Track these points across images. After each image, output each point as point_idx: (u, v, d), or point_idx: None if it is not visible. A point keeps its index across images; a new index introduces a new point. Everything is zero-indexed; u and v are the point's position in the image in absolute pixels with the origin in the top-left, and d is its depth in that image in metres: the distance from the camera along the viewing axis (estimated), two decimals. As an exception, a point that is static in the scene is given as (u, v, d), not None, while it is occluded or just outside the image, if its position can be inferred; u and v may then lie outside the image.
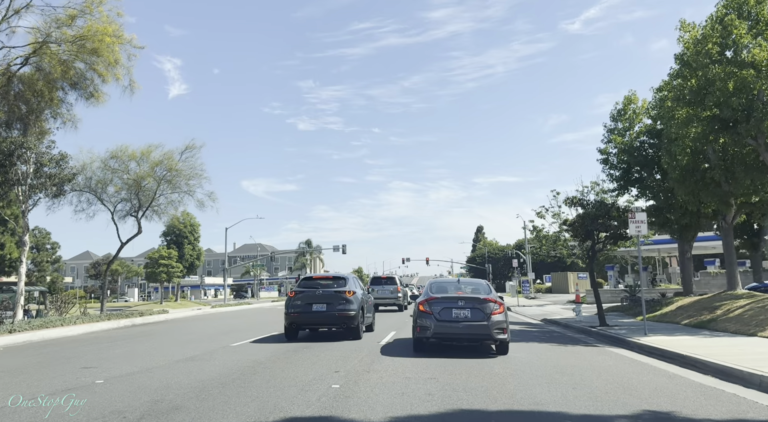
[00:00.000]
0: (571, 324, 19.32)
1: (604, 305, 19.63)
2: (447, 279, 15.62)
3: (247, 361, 10.34)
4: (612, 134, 24.07)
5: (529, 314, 27.79)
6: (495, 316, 10.99)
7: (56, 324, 18.90)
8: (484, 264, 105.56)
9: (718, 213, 21.00)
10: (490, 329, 10.90)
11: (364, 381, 8.09)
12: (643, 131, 23.39)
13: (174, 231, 73.17)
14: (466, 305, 11.11)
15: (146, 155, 27.33)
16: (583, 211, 18.25)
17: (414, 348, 11.77)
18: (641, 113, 23.81)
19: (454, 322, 11.03)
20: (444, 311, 11.09)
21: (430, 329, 11.05)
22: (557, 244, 40.31)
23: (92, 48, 17.67)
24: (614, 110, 24.42)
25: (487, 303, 11.11)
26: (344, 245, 75.51)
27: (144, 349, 12.87)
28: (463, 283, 12.98)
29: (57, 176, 19.15)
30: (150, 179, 27.23)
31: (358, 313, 14.42)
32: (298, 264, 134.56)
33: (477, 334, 11.05)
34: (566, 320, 21.48)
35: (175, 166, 27.31)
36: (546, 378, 8.50)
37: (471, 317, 10.99)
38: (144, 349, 12.87)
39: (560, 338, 15.51)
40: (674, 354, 11.03)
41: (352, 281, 15.35)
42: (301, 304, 14.37)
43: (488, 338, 11.07)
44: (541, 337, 15.67)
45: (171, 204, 28.06)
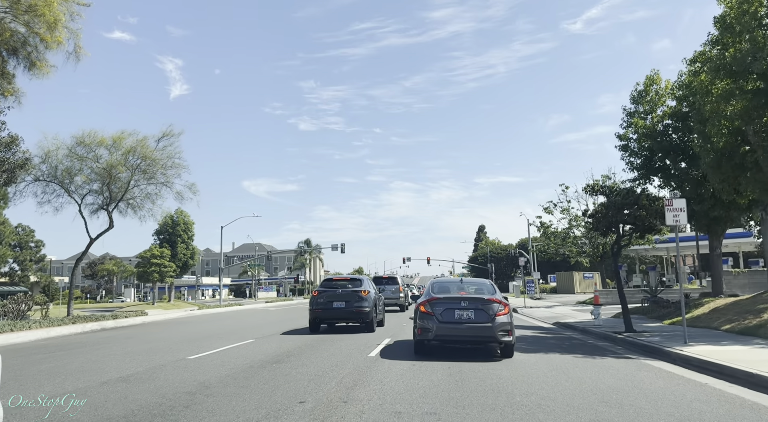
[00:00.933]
0: (590, 329, 16.98)
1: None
2: (449, 279, 15.01)
3: (192, 384, 8.01)
4: (632, 117, 21.66)
5: (538, 317, 25.41)
6: (500, 317, 10.58)
7: (4, 329, 16.59)
8: (487, 264, 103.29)
9: (756, 203, 18.63)
10: (495, 331, 10.49)
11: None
12: (668, 114, 20.99)
13: (167, 230, 70.89)
14: (469, 306, 10.70)
15: (118, 142, 24.73)
16: (607, 200, 15.84)
17: (415, 351, 11.29)
18: (665, 95, 21.41)
19: (457, 324, 10.63)
20: (446, 313, 10.70)
21: (431, 331, 10.65)
22: (566, 241, 38.10)
23: (28, 5, 15.13)
24: (634, 92, 22.02)
25: (492, 304, 10.69)
26: (343, 244, 73.73)
27: (78, 364, 10.53)
28: (466, 283, 12.33)
29: (7, 161, 16.86)
30: (122, 169, 24.50)
31: (372, 309, 16.64)
32: (297, 264, 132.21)
33: (481, 336, 10.61)
34: (583, 324, 19.16)
35: (150, 154, 24.74)
36: (590, 413, 6.17)
37: (474, 318, 10.60)
38: (78, 364, 10.53)
39: (582, 347, 13.18)
40: (738, 371, 8.67)
41: (366, 282, 17.55)
42: (323, 301, 16.63)
43: (492, 340, 10.61)
44: (561, 346, 13.33)
45: (148, 197, 25.52)
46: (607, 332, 15.68)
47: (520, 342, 13.77)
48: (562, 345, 13.70)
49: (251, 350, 12.35)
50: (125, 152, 24.78)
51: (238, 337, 15.64)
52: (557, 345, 13.71)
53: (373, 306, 16.74)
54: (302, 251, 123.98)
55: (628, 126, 21.75)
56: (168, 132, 25.11)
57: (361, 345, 13.26)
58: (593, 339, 15.35)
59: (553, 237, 36.16)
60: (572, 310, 29.83)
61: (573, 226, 35.14)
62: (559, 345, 13.48)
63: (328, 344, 13.41)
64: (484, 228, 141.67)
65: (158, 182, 24.75)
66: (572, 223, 35.04)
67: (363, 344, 13.40)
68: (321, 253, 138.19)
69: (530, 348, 12.71)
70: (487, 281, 12.62)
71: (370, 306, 16.60)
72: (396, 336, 15.37)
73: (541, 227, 36.55)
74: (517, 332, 14.43)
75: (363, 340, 14.32)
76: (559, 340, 15.03)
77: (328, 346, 12.91)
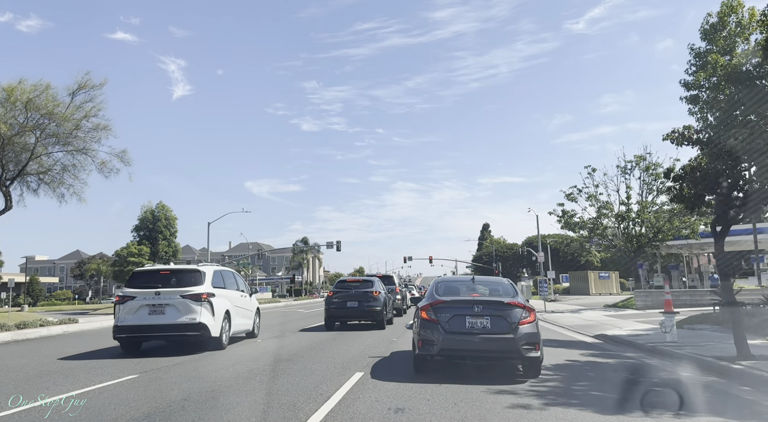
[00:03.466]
0: (669, 350, 11.43)
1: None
2: (458, 277, 13.26)
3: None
4: (706, 57, 16.05)
5: (568, 325, 19.79)
6: (524, 326, 8.33)
7: None
8: (492, 263, 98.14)
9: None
10: (518, 343, 8.18)
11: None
12: (756, 50, 15.43)
13: (147, 225, 65.62)
14: (484, 311, 8.41)
15: (12, 94, 18.42)
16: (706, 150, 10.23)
17: (415, 368, 9.05)
18: (748, 26, 15.86)
19: (469, 334, 8.32)
20: (455, 320, 8.45)
21: (436, 343, 8.37)
22: (594, 233, 32.47)
23: None
24: (705, 24, 16.35)
25: (513, 309, 8.44)
26: (338, 242, 69.30)
27: None
28: (480, 282, 10.08)
29: None
30: (18, 127, 18.53)
31: (383, 309, 17.92)
32: (294, 263, 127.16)
33: (499, 351, 8.29)
34: (647, 339, 13.65)
35: (59, 111, 18.74)
36: None
37: (491, 327, 8.32)
38: None
39: (692, 388, 7.71)
40: None
41: (377, 283, 18.79)
42: (338, 301, 18.03)
43: (515, 356, 8.32)
44: (650, 386, 7.84)
45: (66, 170, 19.77)
46: (702, 356, 10.18)
47: (560, 371, 8.52)
48: (653, 384, 8.22)
49: (93, 409, 6.89)
50: (25, 106, 18.38)
51: (107, 374, 10.18)
52: (633, 382, 8.25)
53: (383, 306, 18.01)
54: (299, 250, 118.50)
55: (700, 69, 16.10)
56: (85, 83, 18.99)
57: (351, 357, 7.80)
58: (691, 368, 9.74)
59: (577, 228, 30.48)
60: (606, 316, 24.19)
61: (603, 215, 29.53)
62: (646, 384, 8.00)
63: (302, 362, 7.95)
64: (488, 227, 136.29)
65: (75, 149, 19.00)
66: (602, 211, 29.44)
67: (353, 356, 7.94)
68: (320, 252, 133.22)
69: (592, 390, 7.35)
70: (505, 280, 10.13)
71: (381, 306, 17.88)
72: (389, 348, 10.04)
73: (562, 216, 30.86)
74: (553, 351, 11.87)
75: (357, 348, 8.88)
76: (632, 371, 9.54)
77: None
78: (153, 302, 11.67)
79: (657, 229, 28.46)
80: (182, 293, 11.73)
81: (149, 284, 11.99)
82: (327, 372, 9.00)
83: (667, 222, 28.06)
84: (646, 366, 10.13)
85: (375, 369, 9.43)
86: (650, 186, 29.26)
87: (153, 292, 11.75)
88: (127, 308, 11.80)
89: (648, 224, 28.74)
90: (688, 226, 27.98)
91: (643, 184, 29.45)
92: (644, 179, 29.37)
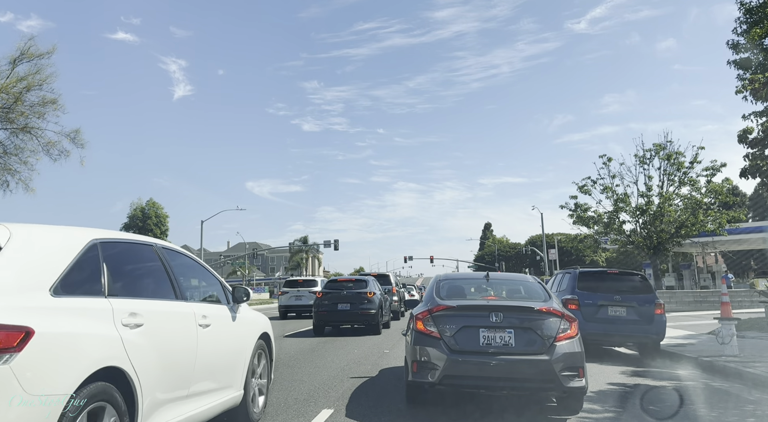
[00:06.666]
0: (735, 367, 8.82)
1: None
2: (466, 274, 11.19)
3: None
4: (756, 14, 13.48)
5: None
6: (562, 343, 5.74)
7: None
8: (494, 263, 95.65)
9: None
10: (555, 368, 5.58)
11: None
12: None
13: (137, 223, 63.21)
14: (505, 321, 5.80)
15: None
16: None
17: (407, 399, 6.51)
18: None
19: (484, 355, 5.72)
20: (464, 334, 5.83)
21: (437, 367, 5.75)
22: (611, 227, 29.90)
23: None
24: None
25: (547, 319, 5.85)
26: (336, 241, 67.53)
27: None
28: (496, 280, 7.37)
29: None
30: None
31: (377, 312, 16.39)
32: (292, 263, 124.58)
33: (529, 379, 5.67)
34: (700, 351, 11.05)
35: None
36: None
37: (516, 345, 5.74)
38: None
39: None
40: None
41: (372, 284, 17.34)
42: (328, 304, 16.34)
43: (551, 386, 5.67)
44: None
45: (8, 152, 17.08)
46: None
47: (606, 403, 6.28)
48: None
49: None
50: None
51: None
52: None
53: (378, 308, 16.45)
54: (298, 250, 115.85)
55: (753, 25, 13.54)
56: (28, 51, 16.17)
57: (326, 380, 5.24)
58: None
59: (592, 223, 27.84)
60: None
61: (620, 209, 26.90)
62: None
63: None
64: (490, 226, 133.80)
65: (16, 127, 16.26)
66: (619, 204, 26.82)
67: (329, 377, 5.38)
68: (320, 252, 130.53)
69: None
70: (529, 277, 7.59)
71: (376, 309, 16.32)
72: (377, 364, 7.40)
73: (575, 210, 28.22)
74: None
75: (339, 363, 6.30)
76: (710, 404, 6.94)
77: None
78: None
79: (680, 223, 25.85)
80: None
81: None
82: (281, 409, 6.42)
83: (691, 215, 25.44)
84: (723, 395, 7.50)
85: (352, 400, 6.85)
86: (671, 177, 26.68)
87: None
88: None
89: (669, 218, 26.14)
90: (715, 220, 25.36)
91: (663, 174, 26.85)
92: (665, 169, 26.78)
